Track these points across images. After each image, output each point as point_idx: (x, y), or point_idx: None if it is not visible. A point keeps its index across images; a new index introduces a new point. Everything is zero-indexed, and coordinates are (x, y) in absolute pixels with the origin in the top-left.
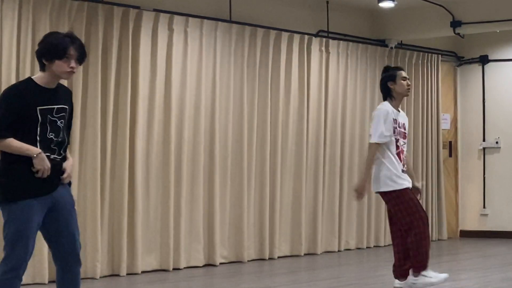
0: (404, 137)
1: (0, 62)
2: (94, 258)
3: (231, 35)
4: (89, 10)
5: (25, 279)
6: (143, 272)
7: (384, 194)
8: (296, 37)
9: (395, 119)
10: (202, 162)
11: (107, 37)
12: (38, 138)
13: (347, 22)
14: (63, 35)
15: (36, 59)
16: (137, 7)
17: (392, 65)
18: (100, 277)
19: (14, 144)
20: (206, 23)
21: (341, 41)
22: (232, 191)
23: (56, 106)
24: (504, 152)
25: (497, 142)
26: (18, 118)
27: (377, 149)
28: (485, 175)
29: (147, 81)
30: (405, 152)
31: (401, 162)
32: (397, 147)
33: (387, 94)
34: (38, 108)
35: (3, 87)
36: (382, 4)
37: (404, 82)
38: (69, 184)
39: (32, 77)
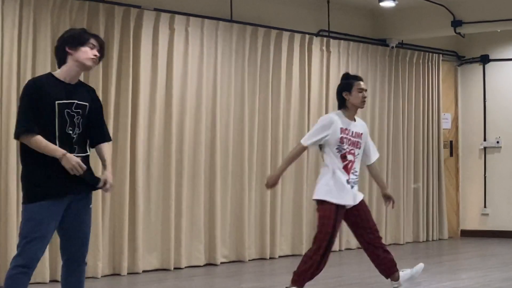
0: (358, 146)
1: (1, 61)
2: (95, 257)
3: (232, 34)
4: (90, 10)
5: None
6: (144, 271)
7: (317, 202)
8: (297, 37)
9: (346, 129)
10: (203, 161)
11: (108, 37)
12: (56, 133)
13: (348, 22)
14: (84, 29)
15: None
16: (138, 7)
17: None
18: (101, 276)
19: (43, 143)
20: (207, 23)
21: (342, 41)
22: (233, 190)
23: (75, 101)
24: (504, 152)
25: (498, 142)
26: (39, 113)
27: (302, 152)
28: (486, 175)
29: (148, 80)
30: (356, 163)
31: (348, 173)
32: (345, 158)
33: (341, 103)
34: (56, 102)
35: (5, 87)
36: (383, 4)
37: (360, 94)
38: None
39: (52, 72)
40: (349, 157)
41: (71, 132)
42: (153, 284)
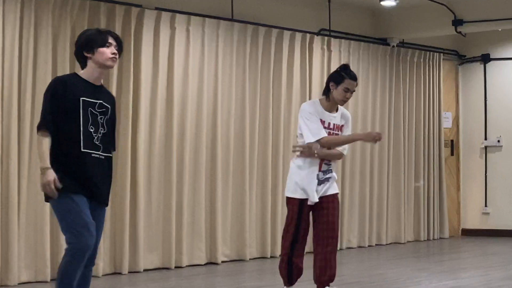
0: None
1: (2, 61)
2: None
3: (233, 33)
4: (91, 9)
5: (27, 277)
6: (145, 270)
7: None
8: (298, 36)
9: (320, 119)
10: (204, 160)
11: None
12: (81, 130)
13: (349, 21)
14: (98, 28)
15: (73, 57)
16: (139, 6)
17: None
18: (102, 275)
19: (43, 147)
20: (208, 22)
21: (343, 40)
22: (234, 189)
23: (98, 101)
24: (505, 151)
25: (498, 141)
26: (63, 109)
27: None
28: (487, 174)
29: (149, 79)
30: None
31: (320, 166)
32: None
33: (325, 91)
34: (81, 98)
35: (6, 86)
36: (384, 3)
37: (344, 93)
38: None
39: (77, 73)
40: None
41: (92, 130)
42: (154, 283)
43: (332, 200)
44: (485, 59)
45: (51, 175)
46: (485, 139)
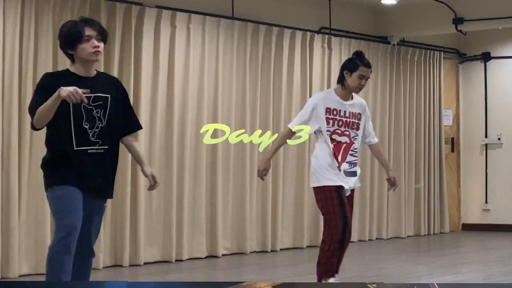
0: (354, 127)
1: (3, 59)
2: (97, 248)
3: (234, 31)
4: (92, 7)
5: (28, 269)
6: (145, 263)
7: (313, 189)
8: (299, 34)
9: (334, 109)
10: (205, 153)
11: (109, 34)
12: (72, 129)
13: (350, 19)
14: (75, 21)
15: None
16: (140, 4)
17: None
18: (102, 267)
19: (41, 108)
20: (209, 20)
21: (344, 38)
22: (235, 182)
23: (92, 95)
24: (506, 148)
25: (499, 139)
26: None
27: (289, 136)
28: (487, 171)
29: (149, 78)
30: (352, 145)
31: (338, 157)
32: (335, 140)
33: (340, 79)
34: None
35: (6, 84)
36: (385, 1)
37: (359, 80)
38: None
39: (69, 68)
40: (342, 138)
41: (87, 127)
42: (154, 276)
43: (352, 196)
44: (486, 57)
45: (69, 87)
46: (486, 136)
